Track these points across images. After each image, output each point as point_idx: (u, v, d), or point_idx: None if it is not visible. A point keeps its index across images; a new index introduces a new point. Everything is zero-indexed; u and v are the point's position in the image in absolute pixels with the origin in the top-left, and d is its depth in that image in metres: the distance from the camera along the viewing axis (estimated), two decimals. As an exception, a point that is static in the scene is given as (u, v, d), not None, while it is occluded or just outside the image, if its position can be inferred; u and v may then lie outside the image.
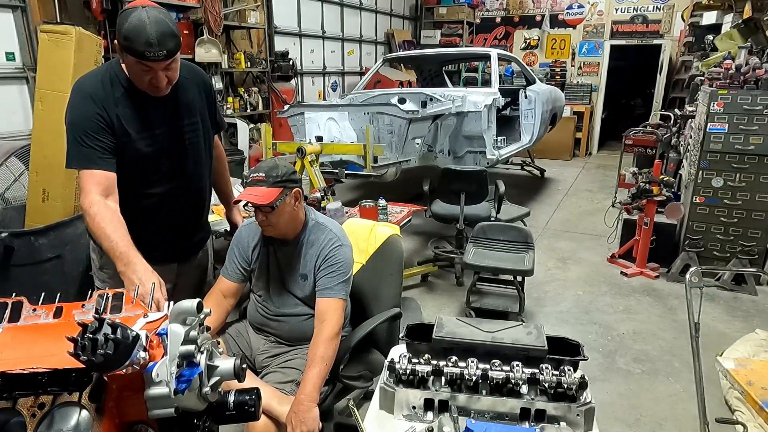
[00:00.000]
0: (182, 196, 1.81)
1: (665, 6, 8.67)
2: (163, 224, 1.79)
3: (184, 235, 1.90)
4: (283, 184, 1.75)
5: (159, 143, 1.68)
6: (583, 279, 4.06)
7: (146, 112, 1.64)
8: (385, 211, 3.04)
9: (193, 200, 1.88)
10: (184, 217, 1.86)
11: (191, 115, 1.76)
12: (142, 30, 1.43)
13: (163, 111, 1.68)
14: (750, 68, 3.67)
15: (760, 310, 3.54)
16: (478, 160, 4.84)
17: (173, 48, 1.49)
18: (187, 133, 1.75)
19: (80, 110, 1.57)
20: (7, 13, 3.74)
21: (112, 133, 1.58)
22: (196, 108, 1.78)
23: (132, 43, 1.44)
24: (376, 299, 2.05)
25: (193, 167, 1.80)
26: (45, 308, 0.97)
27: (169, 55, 1.49)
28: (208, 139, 1.87)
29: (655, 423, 2.43)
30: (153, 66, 1.50)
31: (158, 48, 1.45)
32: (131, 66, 1.53)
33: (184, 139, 1.74)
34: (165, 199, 1.75)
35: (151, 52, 1.45)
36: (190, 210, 1.88)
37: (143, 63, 1.49)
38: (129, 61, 1.52)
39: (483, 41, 10.15)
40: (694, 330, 1.82)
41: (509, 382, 1.23)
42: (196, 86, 1.79)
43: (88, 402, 0.84)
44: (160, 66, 1.51)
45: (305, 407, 1.56)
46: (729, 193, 3.80)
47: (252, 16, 5.99)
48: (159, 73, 1.53)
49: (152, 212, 1.75)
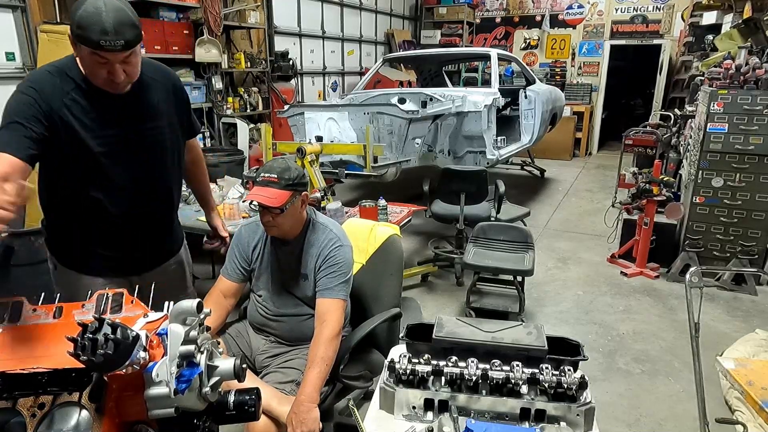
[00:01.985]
0: (141, 203, 1.66)
1: (665, 6, 8.67)
2: (117, 231, 1.65)
3: (142, 245, 1.74)
4: (294, 187, 1.75)
5: (113, 144, 1.54)
6: (583, 279, 4.06)
7: (100, 110, 1.50)
8: (385, 211, 3.04)
9: (155, 208, 1.73)
10: (143, 224, 1.70)
11: (155, 118, 1.63)
12: (97, 17, 1.31)
13: (121, 111, 1.54)
14: (750, 68, 3.67)
15: (760, 310, 3.54)
16: (478, 160, 4.84)
17: (132, 39, 1.37)
18: (149, 137, 1.62)
19: (17, 97, 1.44)
20: (7, 13, 3.74)
21: (48, 127, 1.42)
22: (162, 111, 1.65)
23: (85, 31, 1.31)
24: (376, 299, 2.05)
25: (155, 172, 1.67)
26: (45, 308, 0.97)
27: (127, 45, 1.36)
28: (176, 143, 1.74)
29: (655, 423, 2.43)
30: (109, 57, 1.37)
31: (115, 37, 1.32)
32: (85, 58, 1.40)
33: (145, 143, 1.61)
34: (119, 203, 1.61)
35: (106, 41, 1.32)
36: (150, 218, 1.72)
37: (98, 54, 1.36)
38: (83, 53, 1.38)
39: (483, 41, 10.15)
40: (694, 330, 1.82)
41: (509, 382, 1.23)
42: (165, 88, 1.67)
43: (88, 402, 0.84)
44: (117, 58, 1.38)
45: (305, 407, 1.56)
46: (729, 193, 3.80)
47: (252, 16, 5.99)
48: (116, 66, 1.40)
49: (104, 217, 1.60)
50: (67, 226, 1.65)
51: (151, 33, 4.66)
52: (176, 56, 4.95)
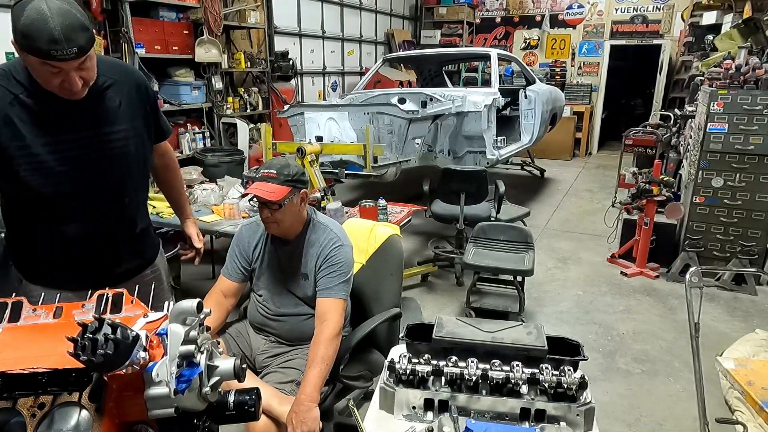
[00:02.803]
0: (105, 212, 1.55)
1: (665, 6, 8.67)
2: (81, 243, 1.53)
3: (110, 256, 1.62)
4: (292, 183, 1.76)
5: (68, 150, 1.42)
6: (583, 279, 4.06)
7: (53, 116, 1.38)
8: (385, 211, 3.04)
9: (121, 217, 1.61)
10: (109, 235, 1.59)
11: (118, 122, 1.50)
12: (42, 24, 1.18)
13: (78, 116, 1.42)
14: (750, 68, 3.67)
15: (760, 310, 3.54)
16: (478, 160, 4.84)
17: (84, 44, 1.25)
18: (110, 142, 1.49)
19: None
20: (7, 13, 3.73)
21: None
22: (125, 114, 1.52)
23: (33, 41, 1.19)
24: (376, 299, 2.05)
25: (117, 180, 1.55)
26: (45, 308, 0.96)
27: (80, 52, 1.24)
28: (142, 148, 1.61)
29: (655, 423, 2.43)
30: (63, 66, 1.25)
31: (66, 45, 1.20)
32: (35, 68, 1.27)
33: (104, 149, 1.48)
34: (80, 214, 1.50)
35: (57, 50, 1.20)
36: (116, 228, 1.60)
37: (50, 64, 1.24)
38: (32, 62, 1.26)
39: (483, 41, 10.15)
40: (694, 330, 1.82)
41: (509, 382, 1.23)
42: (127, 88, 1.54)
43: (88, 402, 0.84)
44: (71, 66, 1.26)
45: (305, 407, 1.56)
46: (729, 193, 3.80)
47: (252, 16, 5.99)
48: (71, 74, 1.28)
49: (65, 229, 1.50)
50: (27, 239, 1.56)
51: (151, 33, 4.66)
52: (176, 56, 4.95)
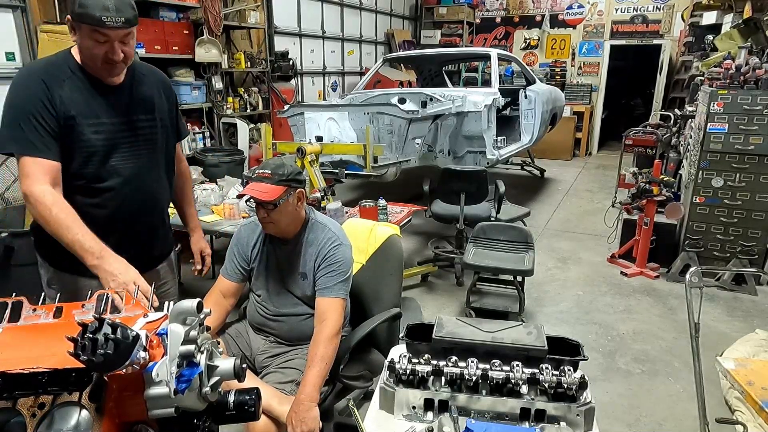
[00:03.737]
0: (134, 196, 1.65)
1: (665, 6, 8.67)
2: (112, 225, 1.62)
3: (134, 244, 1.68)
4: (287, 183, 1.76)
5: (108, 132, 1.56)
6: (583, 279, 4.06)
7: (95, 98, 1.54)
8: (385, 211, 3.04)
9: (148, 203, 1.72)
10: (134, 221, 1.68)
11: (148, 111, 1.66)
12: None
13: (115, 100, 1.57)
14: (750, 68, 3.67)
15: (760, 310, 3.54)
16: (478, 160, 4.84)
17: (131, 18, 1.43)
18: (142, 129, 1.65)
19: (24, 91, 1.47)
20: (7, 13, 3.74)
21: (54, 114, 1.46)
22: (154, 105, 1.69)
23: (87, 8, 1.36)
24: (376, 299, 2.05)
25: (148, 166, 1.68)
26: (45, 308, 0.96)
27: (127, 23, 1.41)
28: (167, 142, 1.76)
29: (655, 423, 2.43)
30: (110, 34, 1.41)
31: (116, 14, 1.38)
32: (85, 39, 1.43)
33: (138, 134, 1.63)
34: (114, 197, 1.61)
35: (108, 17, 1.37)
36: (141, 214, 1.70)
37: (99, 31, 1.40)
38: (83, 33, 1.42)
39: (483, 41, 10.15)
40: (694, 330, 1.82)
41: (509, 382, 1.23)
42: (156, 86, 1.72)
43: (88, 402, 0.84)
44: (117, 35, 1.42)
45: (305, 407, 1.57)
46: (729, 193, 3.80)
47: (252, 16, 5.99)
48: (115, 44, 1.44)
49: (99, 212, 1.59)
50: None
51: (151, 33, 4.66)
52: (176, 56, 4.95)
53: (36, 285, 1.70)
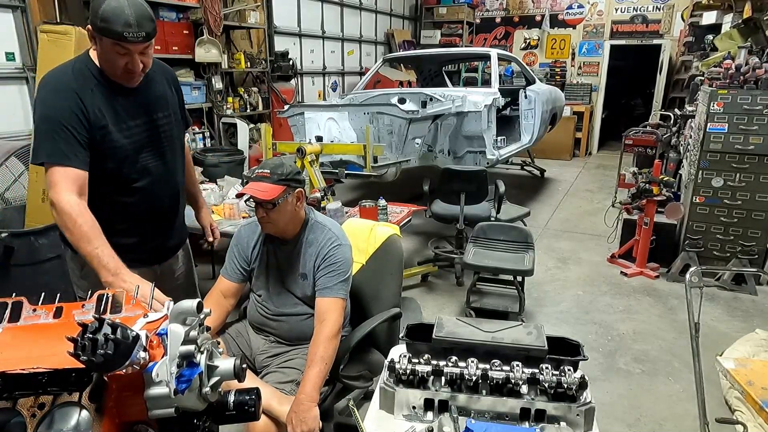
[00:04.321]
0: (163, 191, 1.77)
1: (665, 6, 8.67)
2: (144, 222, 1.75)
3: (164, 234, 1.85)
4: (287, 182, 1.76)
5: (136, 135, 1.65)
6: (583, 279, 4.06)
7: (119, 103, 1.61)
8: (385, 211, 3.04)
9: (172, 195, 1.83)
10: (164, 213, 1.82)
11: (165, 107, 1.74)
12: (120, 11, 1.42)
13: (136, 102, 1.65)
14: (750, 68, 3.67)
15: (760, 310, 3.54)
16: (478, 160, 4.83)
17: (151, 31, 1.49)
18: (162, 126, 1.73)
19: (55, 102, 1.52)
20: (7, 13, 3.74)
21: (88, 126, 1.53)
22: (168, 101, 1.76)
23: (110, 24, 1.42)
24: (376, 299, 2.05)
25: (171, 160, 1.78)
26: (45, 308, 0.96)
27: (147, 37, 1.48)
28: (180, 134, 1.86)
29: (655, 423, 2.43)
30: (131, 48, 1.48)
31: (137, 29, 1.44)
32: (107, 50, 1.50)
33: (160, 132, 1.72)
34: (147, 194, 1.71)
35: (130, 33, 1.43)
36: (169, 206, 1.83)
37: (121, 45, 1.47)
38: (104, 45, 1.48)
39: (483, 41, 10.15)
40: (694, 330, 1.82)
41: (509, 382, 1.23)
42: (165, 80, 1.78)
43: (88, 402, 0.84)
44: (137, 48, 1.50)
45: (305, 406, 1.57)
46: (729, 193, 3.80)
47: (252, 16, 5.99)
48: (135, 56, 1.51)
49: (134, 209, 1.70)
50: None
51: (151, 33, 4.66)
52: (176, 56, 4.95)
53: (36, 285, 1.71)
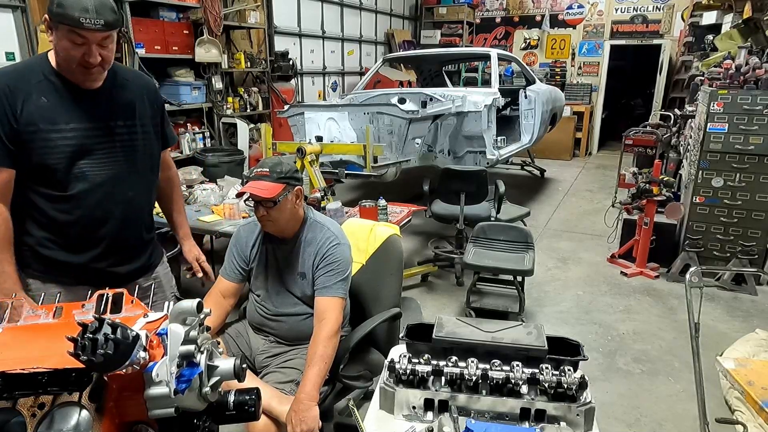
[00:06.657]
0: (107, 205, 1.59)
1: (665, 6, 8.67)
2: (80, 231, 1.57)
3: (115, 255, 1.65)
4: (286, 180, 1.76)
5: (79, 138, 1.50)
6: (583, 279, 4.06)
7: (66, 104, 1.48)
8: (385, 211, 3.04)
9: (126, 212, 1.64)
10: (112, 232, 1.62)
11: (129, 117, 1.61)
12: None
13: (92, 105, 1.52)
14: (750, 68, 3.67)
15: (760, 310, 3.54)
16: (478, 160, 4.83)
17: (111, 21, 1.38)
18: (121, 135, 1.59)
19: None
20: (7, 13, 3.74)
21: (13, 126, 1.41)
22: (136, 111, 1.63)
23: (67, 9, 1.33)
24: (376, 299, 2.05)
25: (124, 172, 1.61)
26: (45, 308, 0.96)
27: (106, 26, 1.37)
28: (149, 148, 1.69)
29: (655, 423, 2.43)
30: (87, 36, 1.37)
31: (95, 16, 1.34)
32: (62, 39, 1.38)
33: (115, 140, 1.57)
34: (84, 204, 1.54)
35: (87, 19, 1.33)
36: (120, 225, 1.63)
37: (77, 32, 1.36)
38: (60, 33, 1.37)
39: (483, 41, 10.15)
40: (694, 330, 1.82)
41: (509, 382, 1.23)
42: (139, 92, 1.66)
43: (88, 402, 0.84)
44: (95, 37, 1.38)
45: (305, 406, 1.57)
46: (729, 193, 3.80)
47: (252, 16, 5.99)
48: (93, 47, 1.39)
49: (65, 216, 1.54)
50: (22, 229, 1.54)
51: (151, 33, 4.66)
52: (176, 56, 4.95)
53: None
